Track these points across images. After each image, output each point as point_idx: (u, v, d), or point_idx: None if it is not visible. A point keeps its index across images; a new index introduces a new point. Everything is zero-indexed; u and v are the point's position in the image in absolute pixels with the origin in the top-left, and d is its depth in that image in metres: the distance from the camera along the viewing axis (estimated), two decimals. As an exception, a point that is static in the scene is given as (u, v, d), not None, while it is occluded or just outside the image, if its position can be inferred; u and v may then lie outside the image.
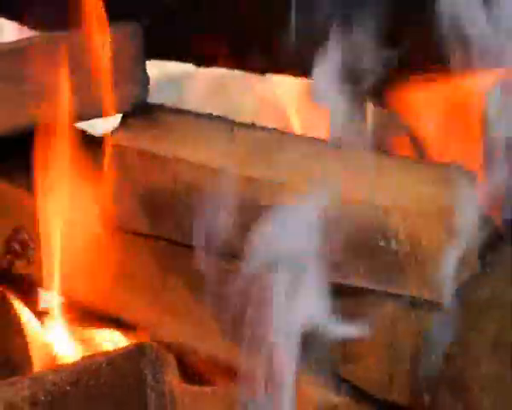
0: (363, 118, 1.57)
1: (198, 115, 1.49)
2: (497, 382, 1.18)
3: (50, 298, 1.50)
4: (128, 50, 1.44)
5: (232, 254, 1.37)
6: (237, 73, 1.62)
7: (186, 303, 1.41)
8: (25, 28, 1.62)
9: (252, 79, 1.70)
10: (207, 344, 1.39)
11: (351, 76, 1.48)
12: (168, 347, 1.39)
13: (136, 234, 1.43)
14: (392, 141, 1.69)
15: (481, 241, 1.33)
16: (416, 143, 1.58)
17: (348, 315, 1.30)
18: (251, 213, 1.34)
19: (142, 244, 1.43)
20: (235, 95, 1.68)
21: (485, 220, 1.33)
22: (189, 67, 1.67)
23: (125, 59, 1.43)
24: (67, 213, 1.46)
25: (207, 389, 1.37)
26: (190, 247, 1.38)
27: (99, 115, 1.47)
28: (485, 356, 1.19)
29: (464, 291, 1.23)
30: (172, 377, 1.30)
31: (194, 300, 1.38)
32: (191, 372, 1.42)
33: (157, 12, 1.53)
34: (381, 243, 1.26)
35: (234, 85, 1.75)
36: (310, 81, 1.54)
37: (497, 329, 1.18)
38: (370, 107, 1.60)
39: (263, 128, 1.52)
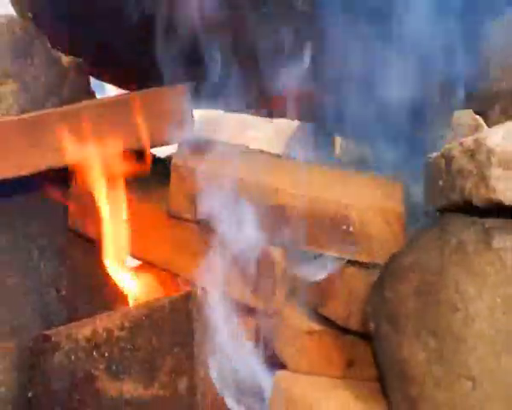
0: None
1: (224, 144, 1.49)
2: (417, 314, 1.21)
3: (133, 260, 1.55)
4: (181, 102, 1.46)
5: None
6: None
7: (212, 261, 1.40)
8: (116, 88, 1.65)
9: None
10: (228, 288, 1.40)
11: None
12: (202, 289, 1.41)
13: (185, 219, 1.46)
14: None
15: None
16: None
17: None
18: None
19: (187, 226, 1.46)
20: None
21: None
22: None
23: (179, 108, 1.46)
24: (147, 206, 1.51)
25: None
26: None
27: (165, 144, 1.53)
28: (410, 298, 1.22)
29: (396, 256, 1.27)
30: (208, 312, 1.32)
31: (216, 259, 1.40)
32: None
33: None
34: (344, 227, 1.34)
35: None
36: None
37: (418, 279, 1.21)
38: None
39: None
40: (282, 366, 1.40)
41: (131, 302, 1.46)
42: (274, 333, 1.40)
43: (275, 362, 1.40)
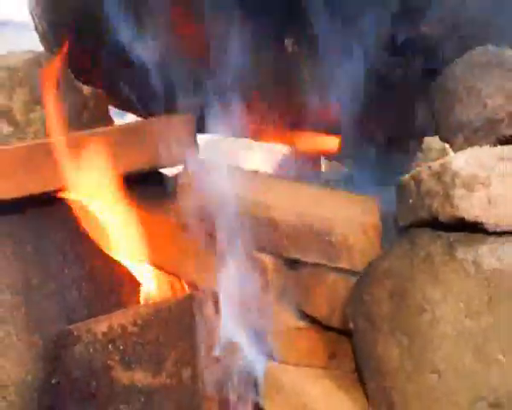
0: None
1: (224, 165, 1.45)
2: (391, 315, 1.20)
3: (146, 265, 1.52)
4: (186, 129, 1.46)
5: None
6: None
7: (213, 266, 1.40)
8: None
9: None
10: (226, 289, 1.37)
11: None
12: (204, 291, 1.41)
13: (189, 229, 1.43)
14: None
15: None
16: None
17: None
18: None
19: (191, 235, 1.43)
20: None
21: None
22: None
23: (185, 134, 1.46)
24: (157, 218, 1.49)
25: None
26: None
27: (173, 165, 1.52)
28: (385, 301, 1.21)
29: (372, 264, 1.26)
30: (209, 311, 1.32)
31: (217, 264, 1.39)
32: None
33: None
34: (327, 238, 1.32)
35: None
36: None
37: (392, 285, 1.21)
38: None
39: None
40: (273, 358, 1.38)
41: (142, 302, 1.45)
42: (266, 329, 1.38)
43: (267, 354, 1.39)
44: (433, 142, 1.24)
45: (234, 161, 1.49)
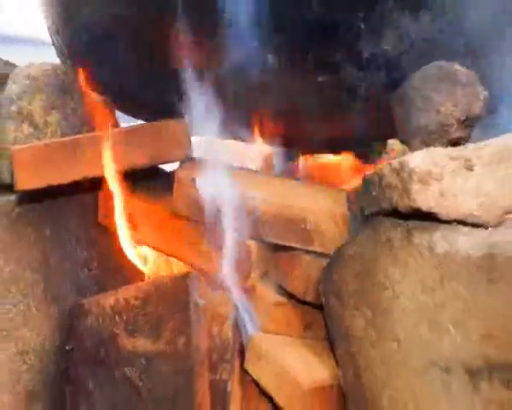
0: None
1: (215, 162, 1.44)
2: (357, 292, 1.20)
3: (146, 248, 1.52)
4: (183, 131, 1.45)
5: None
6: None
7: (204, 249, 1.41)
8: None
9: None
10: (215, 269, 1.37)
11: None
12: (200, 271, 1.40)
13: (184, 218, 1.44)
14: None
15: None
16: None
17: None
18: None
19: (185, 223, 1.44)
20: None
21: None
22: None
23: (181, 135, 1.45)
24: (155, 207, 1.48)
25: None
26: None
27: (171, 162, 1.50)
28: (351, 280, 1.21)
29: (341, 248, 1.26)
30: (202, 289, 1.30)
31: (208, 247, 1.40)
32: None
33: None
34: (302, 226, 1.33)
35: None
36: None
37: (357, 265, 1.21)
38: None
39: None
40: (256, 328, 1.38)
41: (144, 279, 1.45)
42: (251, 303, 1.38)
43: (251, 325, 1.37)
44: (394, 143, 1.24)
45: (223, 158, 1.47)
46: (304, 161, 1.51)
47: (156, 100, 1.47)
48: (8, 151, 1.31)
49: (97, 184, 1.41)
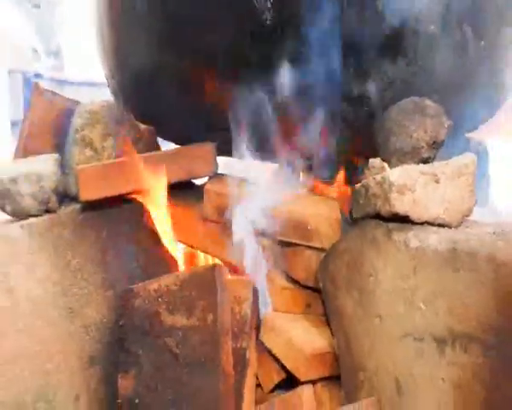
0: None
1: (237, 178, 1.45)
2: (348, 278, 1.21)
3: (182, 245, 1.52)
4: (210, 152, 1.44)
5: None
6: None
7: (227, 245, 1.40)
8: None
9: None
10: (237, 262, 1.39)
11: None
12: (224, 263, 1.41)
13: (212, 221, 1.44)
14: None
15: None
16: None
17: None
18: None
19: (214, 225, 1.44)
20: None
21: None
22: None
23: (209, 156, 1.44)
24: (189, 212, 1.47)
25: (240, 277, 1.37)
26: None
27: (201, 177, 1.48)
28: (343, 269, 1.22)
29: (335, 244, 1.26)
30: (226, 277, 1.27)
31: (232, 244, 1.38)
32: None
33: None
34: (305, 227, 1.32)
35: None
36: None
37: (348, 258, 1.21)
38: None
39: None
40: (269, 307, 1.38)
41: (180, 270, 1.43)
42: (265, 288, 1.38)
43: (265, 305, 1.38)
44: (375, 162, 1.23)
45: (243, 175, 1.47)
46: (307, 177, 1.49)
47: (187, 130, 1.46)
48: (75, 170, 1.31)
49: (143, 194, 1.39)
